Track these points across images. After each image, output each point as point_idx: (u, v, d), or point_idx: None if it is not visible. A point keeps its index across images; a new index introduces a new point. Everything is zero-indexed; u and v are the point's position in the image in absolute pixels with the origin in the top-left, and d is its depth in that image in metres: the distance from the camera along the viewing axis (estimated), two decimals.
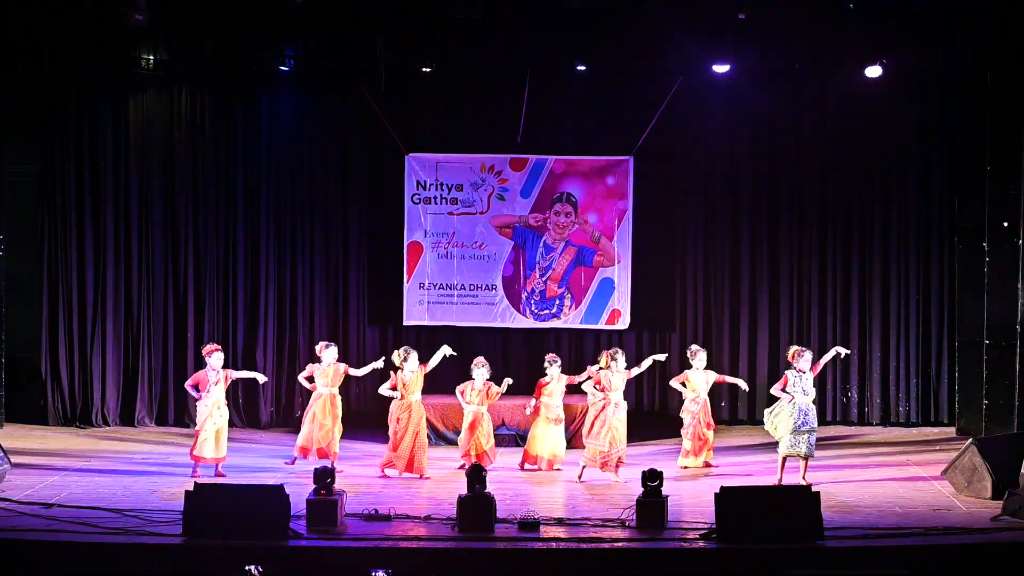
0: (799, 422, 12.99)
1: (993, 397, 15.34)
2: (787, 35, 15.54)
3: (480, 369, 14.03)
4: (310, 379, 14.13)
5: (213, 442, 13.54)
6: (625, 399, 13.86)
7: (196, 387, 13.71)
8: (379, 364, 14.20)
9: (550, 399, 14.11)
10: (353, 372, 14.39)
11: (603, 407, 13.65)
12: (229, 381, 13.86)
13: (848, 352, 13.69)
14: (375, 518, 11.39)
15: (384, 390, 13.91)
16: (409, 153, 17.11)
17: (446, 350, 13.97)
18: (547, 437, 14.10)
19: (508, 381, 13.95)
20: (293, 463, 14.04)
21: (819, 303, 17.12)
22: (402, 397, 13.73)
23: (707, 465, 14.20)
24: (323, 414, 13.97)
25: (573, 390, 14.30)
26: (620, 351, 13.94)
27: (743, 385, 14.92)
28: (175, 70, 16.63)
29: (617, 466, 13.52)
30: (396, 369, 13.82)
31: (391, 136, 16.91)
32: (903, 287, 16.98)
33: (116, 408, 17.07)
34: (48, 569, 10.46)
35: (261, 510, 10.79)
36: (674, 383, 14.58)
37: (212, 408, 13.60)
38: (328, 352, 14.12)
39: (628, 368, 13.89)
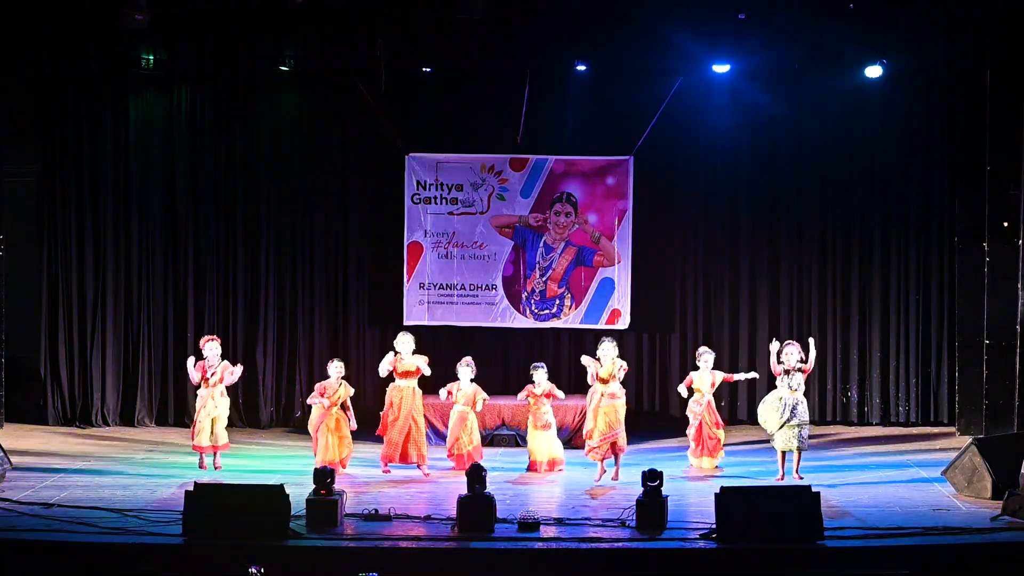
0: (785, 417, 13.09)
1: (993, 397, 15.35)
2: (787, 35, 15.52)
3: (464, 368, 14.08)
4: (322, 394, 13.86)
5: (208, 431, 13.63)
6: (626, 400, 13.86)
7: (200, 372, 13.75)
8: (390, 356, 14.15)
9: (537, 406, 14.13)
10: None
11: (592, 396, 13.79)
12: (224, 382, 13.82)
13: (814, 341, 13.71)
14: (375, 518, 11.39)
15: (382, 366, 13.90)
16: (409, 153, 17.09)
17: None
18: (540, 443, 14.11)
19: (485, 398, 14.11)
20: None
21: (819, 303, 17.10)
22: (398, 377, 13.77)
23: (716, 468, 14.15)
24: (339, 427, 13.86)
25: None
26: (607, 339, 13.92)
27: (754, 375, 14.93)
28: (175, 70, 16.58)
29: (604, 457, 13.54)
30: (396, 352, 13.93)
31: (391, 136, 16.90)
32: (903, 287, 16.96)
33: (116, 408, 17.06)
34: (48, 569, 10.47)
35: (261, 510, 10.80)
36: (681, 389, 14.48)
37: (207, 399, 13.66)
38: (334, 366, 13.99)
39: (621, 358, 13.89)
